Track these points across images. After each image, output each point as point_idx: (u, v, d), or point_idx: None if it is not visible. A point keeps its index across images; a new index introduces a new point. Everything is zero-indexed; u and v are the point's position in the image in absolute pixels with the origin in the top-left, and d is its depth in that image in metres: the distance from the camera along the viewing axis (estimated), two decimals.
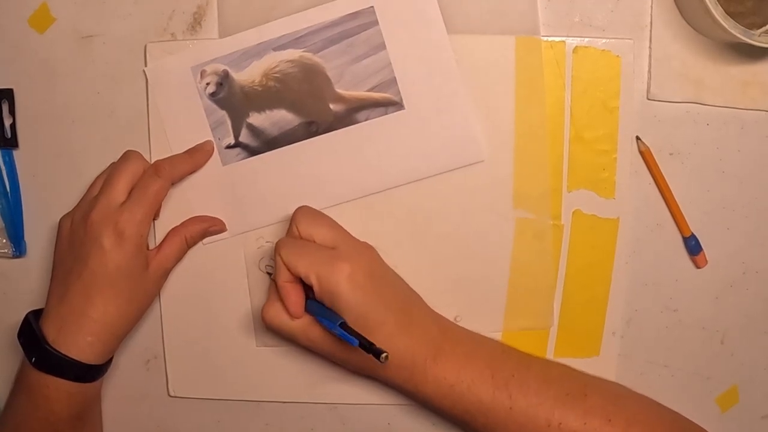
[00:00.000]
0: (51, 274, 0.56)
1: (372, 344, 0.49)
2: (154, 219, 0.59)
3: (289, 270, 0.53)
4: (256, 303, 0.60)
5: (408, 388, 0.54)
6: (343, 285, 0.51)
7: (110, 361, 0.57)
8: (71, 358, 0.53)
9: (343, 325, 0.51)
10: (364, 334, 0.50)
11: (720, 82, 0.56)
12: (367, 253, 0.55)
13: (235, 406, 0.62)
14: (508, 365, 0.53)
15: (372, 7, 0.56)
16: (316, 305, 0.53)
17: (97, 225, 0.53)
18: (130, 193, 0.55)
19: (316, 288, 0.52)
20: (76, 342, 0.53)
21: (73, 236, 0.55)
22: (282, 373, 0.61)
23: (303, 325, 0.54)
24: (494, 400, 0.51)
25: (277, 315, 0.54)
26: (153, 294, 0.58)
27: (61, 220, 0.57)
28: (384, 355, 0.48)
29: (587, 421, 0.51)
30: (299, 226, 0.54)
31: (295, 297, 0.53)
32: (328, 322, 0.52)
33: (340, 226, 0.56)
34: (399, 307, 0.54)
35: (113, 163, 0.57)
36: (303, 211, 0.55)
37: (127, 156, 0.57)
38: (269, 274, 0.59)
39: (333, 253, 0.53)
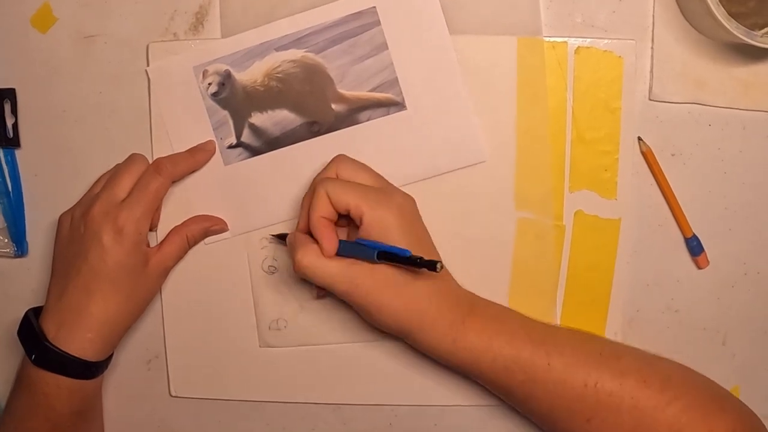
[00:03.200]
0: (50, 270, 0.57)
1: (421, 257, 0.48)
2: (154, 221, 0.59)
3: (331, 203, 0.51)
4: (259, 303, 0.60)
5: (445, 346, 0.52)
6: (395, 216, 0.51)
7: (110, 357, 0.57)
8: (71, 355, 0.53)
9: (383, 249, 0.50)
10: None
11: (722, 82, 0.56)
12: (409, 198, 0.54)
13: (236, 406, 0.62)
14: (538, 328, 0.53)
15: (374, 7, 0.56)
16: (352, 243, 0.51)
17: (97, 221, 0.54)
18: (130, 191, 0.55)
19: (365, 218, 0.50)
20: (76, 339, 0.53)
21: (73, 233, 0.55)
22: (284, 373, 0.61)
23: (343, 265, 0.51)
24: (533, 355, 0.51)
25: (315, 259, 0.51)
26: (153, 291, 0.58)
27: (61, 216, 0.57)
28: (439, 263, 0.47)
29: (623, 381, 0.50)
30: (340, 171, 0.53)
31: (330, 233, 0.51)
32: (371, 243, 0.50)
33: (380, 175, 0.55)
34: (437, 257, 0.54)
35: (118, 164, 0.57)
36: (344, 158, 0.54)
37: (133, 158, 0.57)
38: (278, 238, 0.59)
39: (381, 189, 0.53)
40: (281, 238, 0.58)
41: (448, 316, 0.52)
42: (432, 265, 0.47)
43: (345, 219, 0.53)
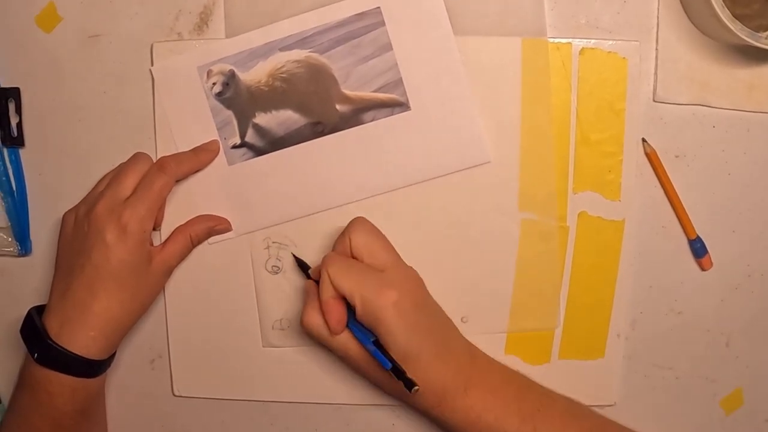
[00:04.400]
0: (54, 269, 0.57)
1: (404, 372, 0.49)
2: (158, 220, 0.59)
3: (333, 287, 0.52)
4: (263, 303, 0.60)
5: (435, 414, 0.53)
6: (388, 312, 0.51)
7: (113, 356, 0.57)
8: (74, 353, 0.53)
9: (377, 344, 0.51)
10: (401, 362, 0.50)
11: (726, 84, 0.56)
12: (414, 280, 0.55)
13: (239, 406, 0.62)
14: (533, 398, 0.54)
15: (378, 7, 0.56)
16: (356, 324, 0.53)
17: (101, 219, 0.54)
18: (134, 190, 0.55)
19: (359, 310, 0.52)
20: (79, 337, 0.53)
21: (77, 230, 0.55)
22: (287, 373, 0.61)
23: (344, 341, 0.53)
24: None
25: (318, 326, 0.53)
26: (156, 290, 0.58)
27: (64, 215, 0.57)
28: (415, 388, 0.49)
29: None
30: (353, 239, 0.54)
31: (337, 315, 0.52)
32: (364, 337, 0.52)
33: (393, 248, 0.55)
34: (438, 336, 0.54)
35: (122, 163, 0.58)
36: (360, 224, 0.55)
37: (137, 157, 0.57)
38: (297, 262, 0.59)
39: (381, 277, 0.53)
40: (300, 264, 0.59)
41: (440, 392, 0.52)
42: (408, 386, 0.49)
43: None
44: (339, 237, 0.55)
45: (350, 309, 0.53)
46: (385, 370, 0.51)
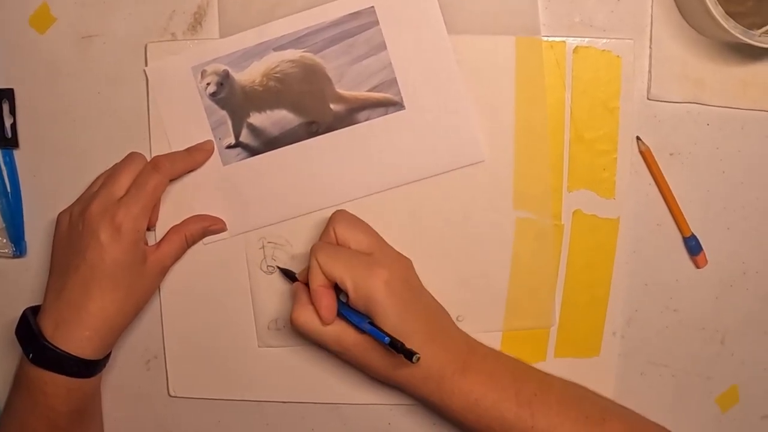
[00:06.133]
0: (49, 269, 0.56)
1: (403, 344, 0.49)
2: (152, 219, 0.59)
3: (324, 274, 0.52)
4: (258, 303, 0.60)
5: (433, 400, 0.54)
6: (380, 291, 0.51)
7: (108, 356, 0.56)
8: (69, 353, 0.52)
9: (373, 324, 0.51)
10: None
11: (720, 82, 0.56)
12: (403, 261, 0.55)
13: (235, 406, 0.62)
14: (531, 384, 0.54)
15: (372, 7, 0.56)
16: (348, 309, 0.53)
17: (95, 219, 0.53)
18: (128, 189, 0.55)
19: (351, 293, 0.52)
20: (74, 337, 0.53)
21: (72, 230, 0.55)
22: (283, 373, 0.61)
23: (336, 331, 0.53)
24: (517, 418, 0.52)
25: (309, 320, 0.53)
26: (151, 290, 0.58)
27: (59, 215, 0.57)
28: (416, 356, 0.48)
29: None
30: (337, 229, 0.54)
31: (327, 302, 0.53)
32: (358, 319, 0.52)
33: (377, 234, 0.56)
34: (431, 317, 0.54)
35: (116, 163, 0.57)
36: (341, 214, 0.56)
37: (131, 157, 0.57)
38: (283, 273, 0.59)
39: (370, 259, 0.53)
40: (286, 273, 0.59)
41: (437, 375, 0.53)
42: (408, 356, 0.48)
43: None
44: (323, 231, 0.56)
45: (340, 301, 0.53)
46: (383, 349, 0.51)
